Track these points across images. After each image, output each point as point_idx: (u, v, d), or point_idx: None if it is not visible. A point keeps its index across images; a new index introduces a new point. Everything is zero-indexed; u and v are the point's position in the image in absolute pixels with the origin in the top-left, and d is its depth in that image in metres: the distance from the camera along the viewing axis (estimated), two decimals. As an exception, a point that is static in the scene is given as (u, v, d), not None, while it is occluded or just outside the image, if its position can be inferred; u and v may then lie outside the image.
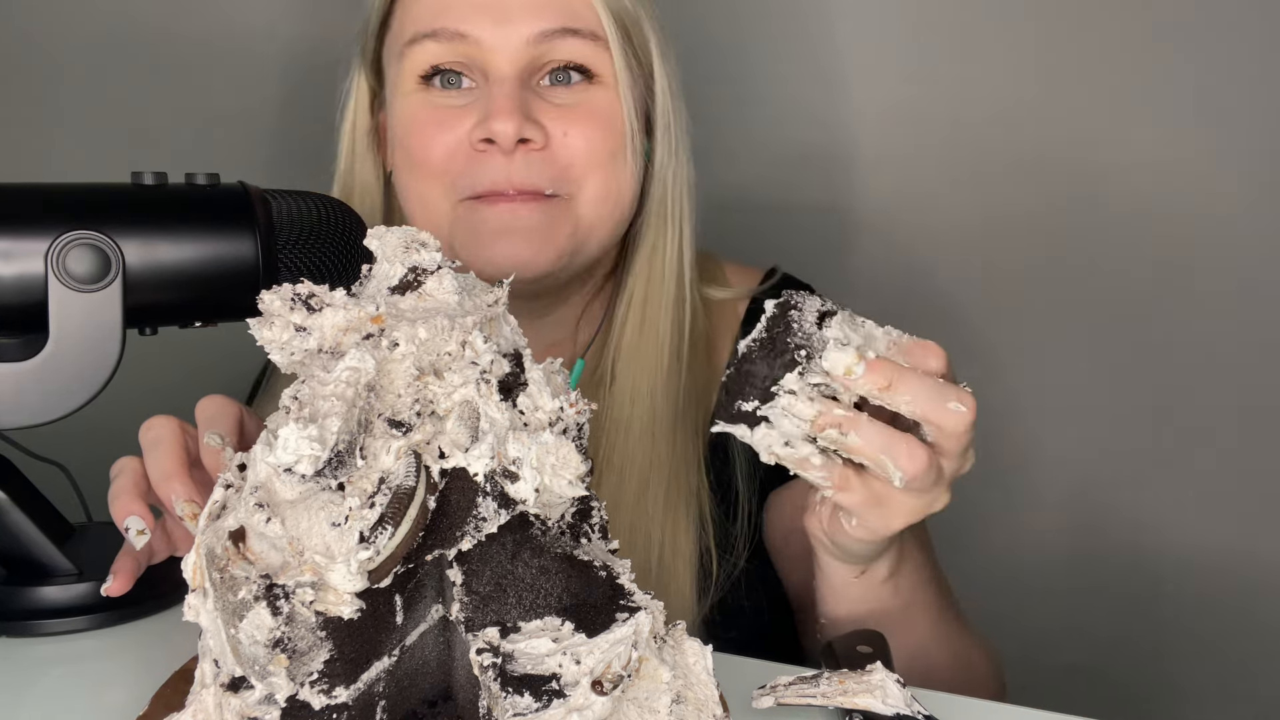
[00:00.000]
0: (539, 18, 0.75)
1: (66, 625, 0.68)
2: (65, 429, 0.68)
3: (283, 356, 0.50)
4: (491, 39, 0.75)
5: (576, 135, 0.76)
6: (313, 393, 0.45)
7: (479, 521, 0.47)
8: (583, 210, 0.79)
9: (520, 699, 0.43)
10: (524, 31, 0.75)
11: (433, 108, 0.78)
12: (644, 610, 0.47)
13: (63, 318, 0.65)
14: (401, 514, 0.44)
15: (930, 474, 0.57)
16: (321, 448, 0.43)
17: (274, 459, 0.43)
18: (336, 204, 0.75)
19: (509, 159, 0.75)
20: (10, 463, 0.74)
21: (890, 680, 0.57)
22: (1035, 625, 1.29)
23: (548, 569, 0.48)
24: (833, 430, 0.56)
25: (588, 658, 0.45)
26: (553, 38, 0.75)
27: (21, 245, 0.64)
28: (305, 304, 0.50)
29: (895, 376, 0.55)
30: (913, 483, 0.57)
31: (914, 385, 0.55)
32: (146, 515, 0.60)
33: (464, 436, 0.47)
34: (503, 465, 0.47)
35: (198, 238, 0.68)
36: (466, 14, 0.75)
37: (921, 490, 0.59)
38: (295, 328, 0.50)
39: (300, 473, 0.43)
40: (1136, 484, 1.21)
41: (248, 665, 0.43)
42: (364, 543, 0.43)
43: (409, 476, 0.45)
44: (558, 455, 0.49)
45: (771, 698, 0.57)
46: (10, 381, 0.65)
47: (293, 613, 0.43)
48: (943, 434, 0.57)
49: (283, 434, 0.43)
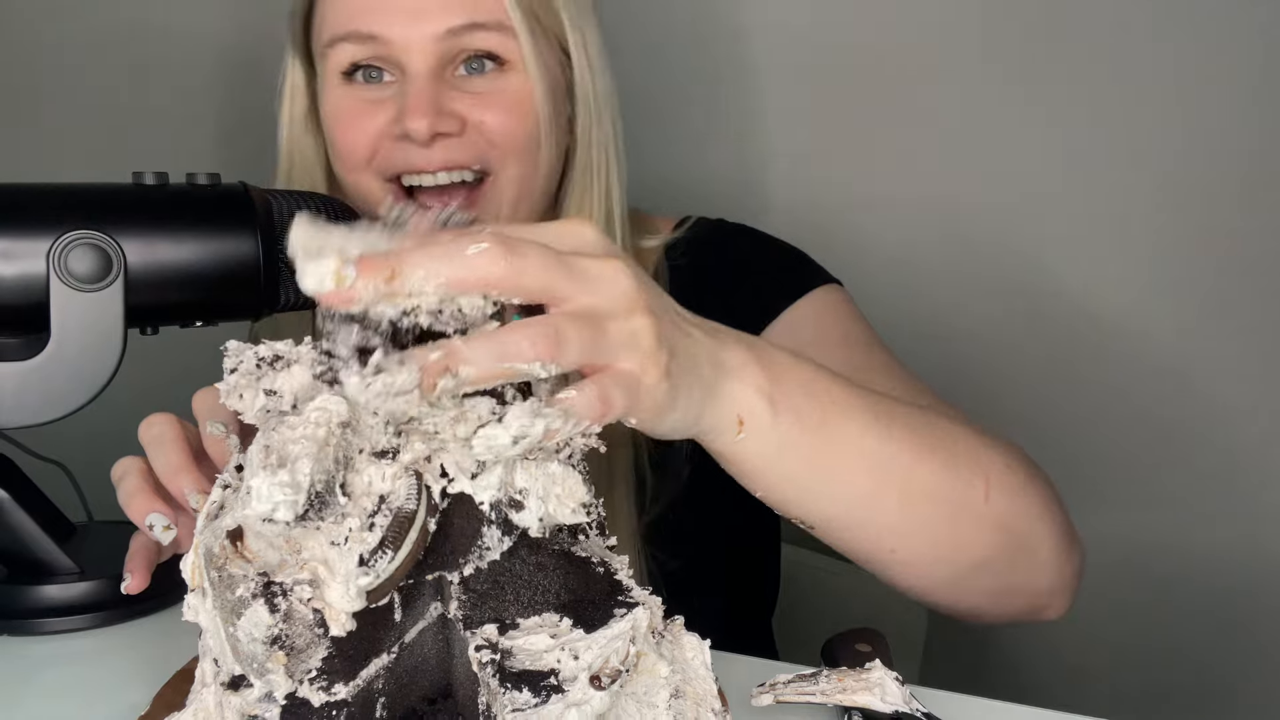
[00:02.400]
0: (447, 14, 0.79)
1: (67, 624, 0.69)
2: (66, 429, 0.68)
3: (260, 421, 0.48)
4: (403, 38, 0.79)
5: (491, 120, 0.80)
6: (282, 438, 0.44)
7: (483, 550, 0.48)
8: (507, 190, 0.83)
9: (519, 695, 0.43)
10: (432, 29, 0.79)
11: (354, 100, 0.82)
12: (642, 606, 0.47)
13: (64, 317, 0.65)
14: (402, 538, 0.44)
15: (578, 341, 0.45)
16: (295, 492, 0.42)
17: (251, 512, 0.42)
18: (338, 204, 0.75)
19: (428, 148, 0.80)
20: (11, 462, 0.74)
21: (889, 678, 0.57)
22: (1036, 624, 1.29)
23: (545, 565, 0.48)
24: (445, 380, 0.42)
25: (586, 653, 0.45)
26: (461, 33, 0.79)
27: (23, 245, 0.64)
28: (270, 365, 0.49)
29: (396, 259, 0.43)
30: (565, 360, 0.44)
31: (422, 257, 0.43)
32: (167, 510, 0.60)
33: (469, 461, 0.46)
34: (509, 495, 0.47)
35: (199, 238, 0.68)
36: (378, 16, 0.79)
37: (633, 360, 0.47)
38: (265, 393, 0.48)
39: (281, 520, 0.42)
40: (1137, 484, 1.21)
41: (246, 663, 0.43)
42: (363, 566, 0.43)
43: (410, 500, 0.45)
44: (564, 486, 0.48)
45: (770, 695, 0.58)
46: (11, 381, 0.65)
47: (290, 610, 0.43)
48: (518, 288, 0.45)
49: (254, 485, 0.42)
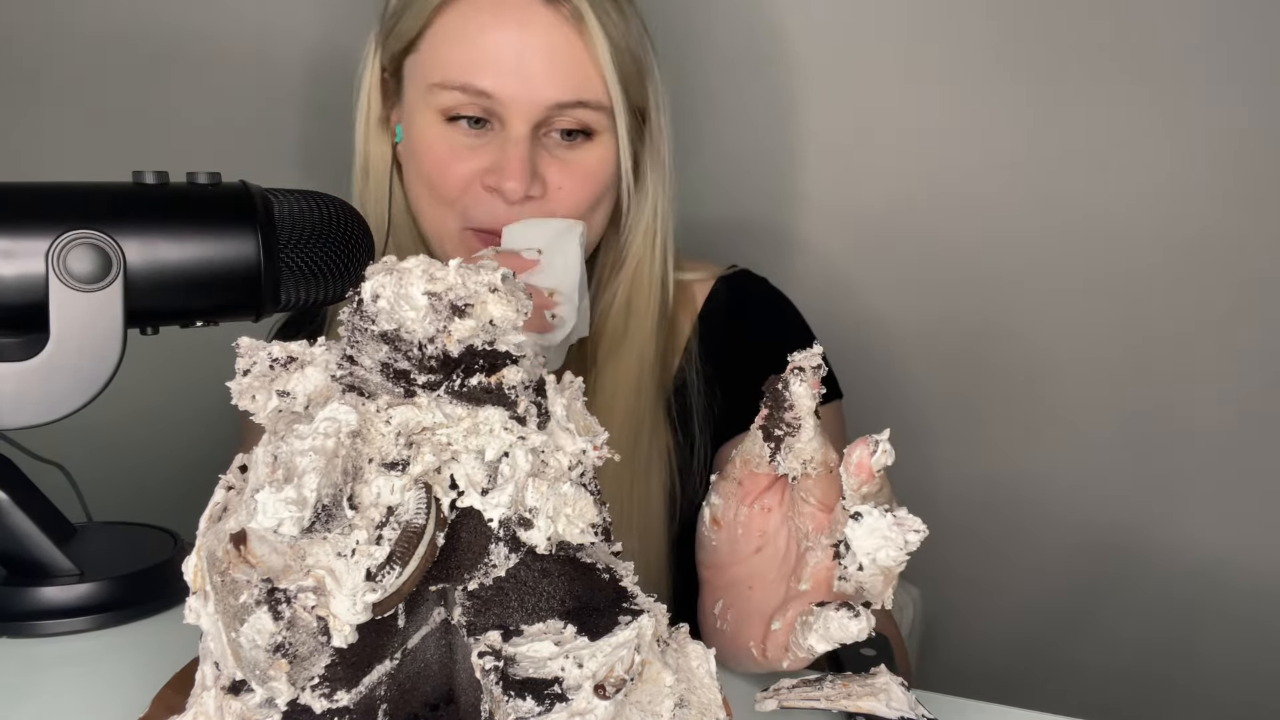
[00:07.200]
0: (559, 89, 0.83)
1: (67, 626, 0.68)
2: (65, 429, 0.68)
3: (271, 422, 0.48)
4: (513, 99, 0.83)
5: (569, 186, 0.86)
6: (290, 449, 0.43)
7: (489, 568, 0.47)
8: None
9: (523, 703, 0.43)
10: (542, 99, 0.83)
11: (454, 143, 0.86)
12: (647, 613, 0.47)
13: (63, 317, 0.65)
14: (410, 553, 0.44)
15: None
16: (301, 508, 0.42)
17: (256, 524, 0.42)
18: (339, 203, 0.74)
19: (513, 206, 0.85)
20: (11, 463, 0.73)
21: (894, 683, 0.57)
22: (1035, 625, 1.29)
23: (550, 572, 0.48)
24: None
25: (590, 661, 0.44)
26: (566, 107, 0.84)
27: (22, 245, 0.64)
28: (284, 366, 0.49)
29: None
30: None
31: None
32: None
33: (481, 475, 0.46)
34: (519, 513, 0.47)
35: (199, 237, 0.68)
36: (494, 77, 0.82)
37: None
38: (279, 394, 0.48)
39: (286, 534, 0.42)
40: (1138, 484, 1.21)
41: (248, 669, 0.43)
42: (370, 580, 0.43)
43: (419, 514, 0.44)
44: (575, 507, 0.48)
45: (775, 700, 0.57)
46: (11, 381, 0.65)
47: (294, 618, 0.43)
48: None
49: (259, 500, 0.42)
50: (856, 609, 0.52)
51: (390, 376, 0.48)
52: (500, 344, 0.48)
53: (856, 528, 0.53)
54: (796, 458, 0.56)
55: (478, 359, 0.48)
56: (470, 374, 0.48)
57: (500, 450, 0.46)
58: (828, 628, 0.53)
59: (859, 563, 0.53)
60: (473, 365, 0.48)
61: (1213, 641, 1.22)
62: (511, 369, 0.48)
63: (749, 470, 0.59)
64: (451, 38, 0.84)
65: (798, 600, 0.57)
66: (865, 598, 0.55)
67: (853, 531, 0.53)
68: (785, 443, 0.56)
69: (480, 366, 0.48)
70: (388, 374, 0.48)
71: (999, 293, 1.20)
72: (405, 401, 0.47)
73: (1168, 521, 1.21)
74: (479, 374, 0.48)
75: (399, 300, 0.48)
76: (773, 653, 0.57)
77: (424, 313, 0.47)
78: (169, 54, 1.23)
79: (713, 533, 0.61)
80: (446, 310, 0.47)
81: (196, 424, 1.14)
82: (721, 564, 0.62)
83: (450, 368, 0.48)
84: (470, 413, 0.46)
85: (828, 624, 0.53)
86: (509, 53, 0.82)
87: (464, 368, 0.48)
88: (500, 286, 0.48)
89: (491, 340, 0.48)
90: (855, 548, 0.53)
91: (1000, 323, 1.21)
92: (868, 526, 0.52)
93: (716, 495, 0.61)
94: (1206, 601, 1.21)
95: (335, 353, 0.49)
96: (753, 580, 0.60)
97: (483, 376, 0.48)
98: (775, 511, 0.60)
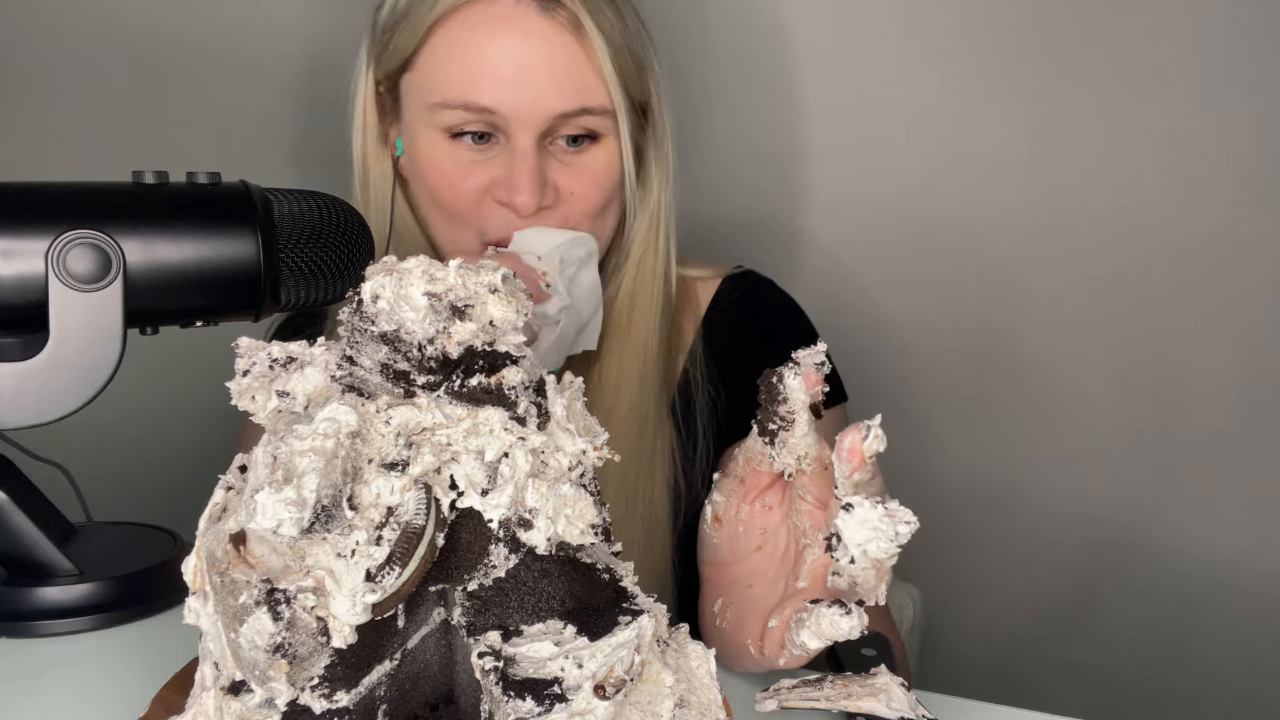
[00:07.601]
0: (562, 99, 0.82)
1: (67, 626, 0.68)
2: (65, 429, 0.68)
3: (270, 423, 0.48)
4: (516, 113, 0.82)
5: (580, 190, 0.86)
6: (289, 450, 0.43)
7: (489, 568, 0.47)
8: None
9: (522, 703, 0.43)
10: (546, 111, 0.82)
11: (459, 160, 0.85)
12: (647, 614, 0.47)
13: (63, 317, 0.65)
14: (410, 554, 0.44)
15: None
16: (300, 509, 0.42)
17: (255, 525, 0.42)
18: (338, 203, 0.74)
19: (525, 218, 0.85)
20: (11, 463, 0.73)
21: (895, 684, 0.57)
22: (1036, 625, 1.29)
23: (550, 572, 0.48)
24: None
25: (590, 661, 0.44)
26: (570, 115, 0.83)
27: (22, 244, 0.64)
28: (284, 367, 0.49)
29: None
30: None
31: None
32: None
33: (480, 475, 0.46)
34: (518, 514, 0.47)
35: (199, 237, 0.68)
36: (495, 92, 0.81)
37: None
38: (278, 394, 0.48)
39: (286, 534, 0.42)
40: (1137, 484, 1.21)
41: (248, 670, 0.43)
42: (370, 580, 0.43)
43: (419, 515, 0.44)
44: (575, 508, 0.48)
45: (775, 701, 0.57)
46: (10, 381, 0.65)
47: (294, 618, 0.43)
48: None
49: (259, 500, 0.42)
50: (848, 606, 0.53)
51: (390, 377, 0.48)
52: (500, 344, 0.48)
53: (848, 519, 0.53)
54: (791, 453, 0.56)
55: (478, 359, 0.48)
56: (470, 374, 0.48)
57: (500, 451, 0.46)
58: (820, 624, 0.53)
59: (850, 555, 0.53)
60: (473, 366, 0.48)
61: (1213, 641, 1.22)
62: (511, 369, 0.48)
63: (751, 467, 0.59)
64: (449, 55, 0.83)
65: (795, 598, 0.57)
66: (859, 594, 0.55)
67: (844, 523, 0.53)
68: (779, 438, 0.56)
69: (480, 367, 0.48)
70: (387, 374, 0.48)
71: (1002, 290, 1.20)
72: (405, 402, 0.47)
73: (1169, 521, 1.20)
74: (479, 374, 0.48)
75: (399, 301, 0.48)
76: (770, 650, 0.58)
77: (424, 313, 0.47)
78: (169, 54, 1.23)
79: (714, 530, 0.61)
80: (446, 311, 0.47)
81: (196, 424, 1.14)
82: (722, 562, 0.62)
83: (450, 368, 0.48)
84: (470, 413, 0.46)
85: (820, 621, 0.53)
86: (509, 66, 0.81)
87: (464, 368, 0.48)
88: (500, 287, 0.48)
89: (491, 341, 0.48)
90: (846, 539, 0.53)
91: (1003, 320, 1.21)
92: (859, 518, 0.52)
93: (719, 492, 0.61)
94: (1207, 601, 1.21)
95: (335, 353, 0.49)
96: (753, 578, 0.60)
97: (483, 377, 0.48)
98: (776, 509, 0.60)
